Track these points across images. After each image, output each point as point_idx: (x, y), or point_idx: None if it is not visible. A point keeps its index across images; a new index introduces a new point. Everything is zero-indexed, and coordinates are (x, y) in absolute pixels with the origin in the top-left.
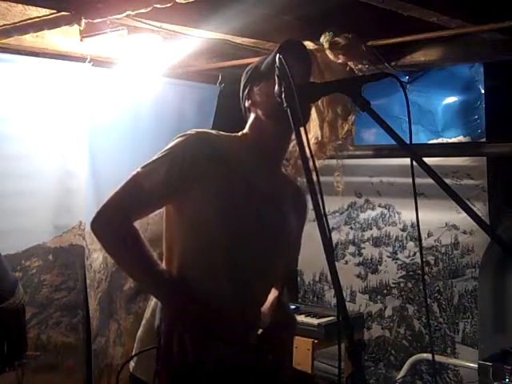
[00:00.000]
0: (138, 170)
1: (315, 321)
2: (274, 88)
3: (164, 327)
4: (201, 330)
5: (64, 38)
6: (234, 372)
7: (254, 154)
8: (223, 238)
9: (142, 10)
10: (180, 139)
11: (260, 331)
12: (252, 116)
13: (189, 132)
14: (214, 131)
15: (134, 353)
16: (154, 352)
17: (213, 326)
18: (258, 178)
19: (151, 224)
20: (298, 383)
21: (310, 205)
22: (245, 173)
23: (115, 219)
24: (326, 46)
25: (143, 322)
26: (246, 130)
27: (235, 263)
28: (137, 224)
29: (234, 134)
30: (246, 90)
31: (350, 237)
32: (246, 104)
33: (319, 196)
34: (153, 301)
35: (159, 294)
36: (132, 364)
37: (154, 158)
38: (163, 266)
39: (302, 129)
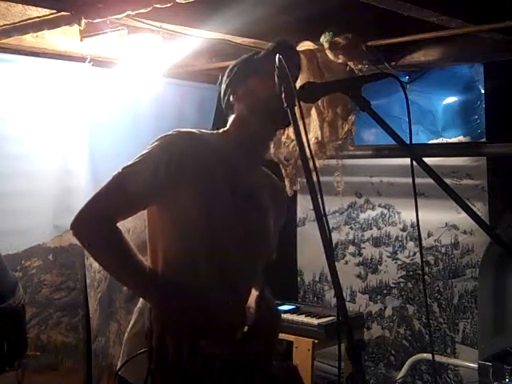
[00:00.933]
0: (120, 170)
1: (315, 321)
2: (264, 85)
3: (156, 328)
4: (192, 330)
5: (64, 37)
6: (223, 369)
7: (236, 151)
8: (208, 237)
9: (142, 10)
10: (162, 139)
11: (246, 328)
12: (236, 112)
13: (171, 132)
14: (196, 130)
15: (121, 355)
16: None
17: (202, 325)
18: (240, 175)
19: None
20: (283, 374)
21: (310, 204)
22: (228, 171)
23: (97, 220)
24: (326, 46)
25: (130, 324)
26: (227, 127)
27: (220, 261)
28: (135, 224)
29: (215, 132)
30: (231, 87)
31: (350, 237)
32: (231, 99)
33: (319, 196)
34: (139, 304)
35: (147, 295)
36: (118, 366)
37: (137, 158)
38: (149, 266)
39: (302, 129)
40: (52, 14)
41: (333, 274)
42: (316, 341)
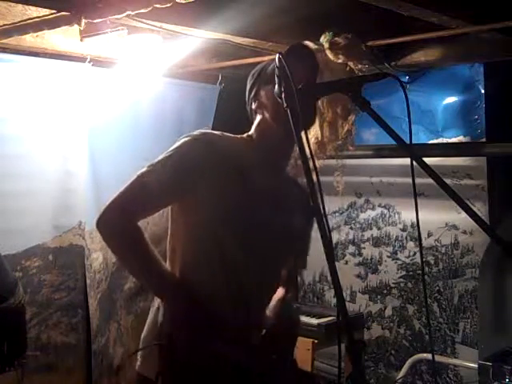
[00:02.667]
0: (144, 169)
1: (315, 321)
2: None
3: (167, 326)
4: (203, 330)
5: (64, 37)
6: (237, 372)
7: (259, 156)
8: (226, 240)
9: (142, 10)
10: (185, 140)
11: (264, 331)
12: (258, 118)
13: (194, 133)
14: (218, 132)
15: (139, 354)
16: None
17: (215, 326)
18: (262, 179)
19: (151, 224)
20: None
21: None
22: (250, 174)
23: (120, 219)
24: (326, 46)
25: (147, 322)
26: (251, 132)
27: (238, 265)
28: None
29: (239, 136)
30: (253, 92)
31: (350, 237)
32: (253, 106)
33: (319, 196)
34: (156, 301)
35: (162, 294)
36: (138, 363)
37: (160, 158)
38: (167, 265)
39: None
40: (52, 13)
41: (333, 274)
42: (316, 341)
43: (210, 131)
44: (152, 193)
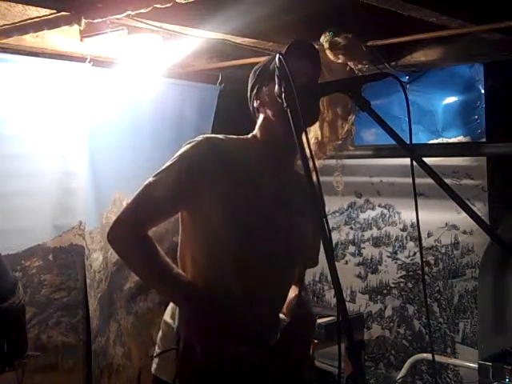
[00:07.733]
0: (150, 179)
1: None
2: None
3: (183, 330)
4: (218, 333)
5: (64, 37)
6: (253, 373)
7: (264, 156)
8: (236, 243)
9: (142, 10)
10: (189, 146)
11: (279, 333)
12: (261, 116)
13: (197, 138)
14: (222, 136)
15: (155, 353)
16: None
17: (230, 328)
18: (269, 179)
19: None
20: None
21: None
22: (255, 176)
23: (129, 232)
24: (326, 46)
25: (162, 323)
26: (255, 131)
27: (249, 267)
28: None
29: (243, 137)
30: (255, 91)
31: (350, 237)
32: (255, 104)
33: (319, 196)
34: (170, 305)
35: (176, 298)
36: (154, 365)
37: (165, 166)
38: (179, 270)
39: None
40: (52, 13)
41: (333, 274)
42: (316, 341)
43: (212, 135)
44: (158, 203)
